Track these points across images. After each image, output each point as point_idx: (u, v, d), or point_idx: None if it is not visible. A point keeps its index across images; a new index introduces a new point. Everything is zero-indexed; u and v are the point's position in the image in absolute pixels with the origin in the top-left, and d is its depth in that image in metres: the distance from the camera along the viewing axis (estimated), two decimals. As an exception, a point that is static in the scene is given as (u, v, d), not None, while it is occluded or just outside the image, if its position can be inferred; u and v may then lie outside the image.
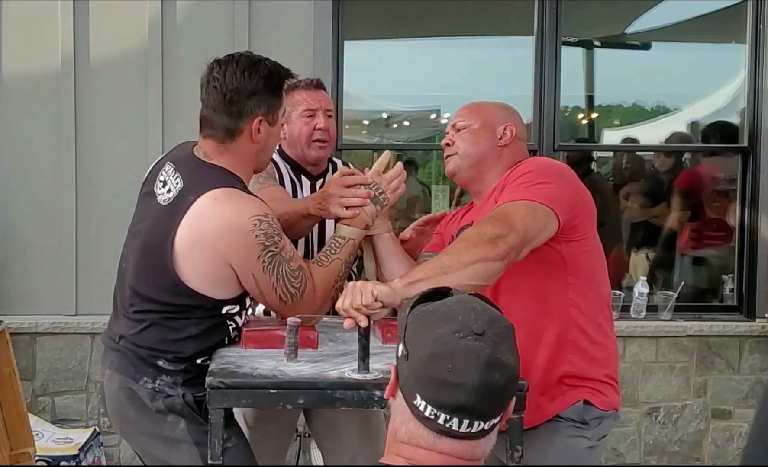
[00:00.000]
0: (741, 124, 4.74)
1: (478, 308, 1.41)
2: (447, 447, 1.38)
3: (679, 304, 4.52)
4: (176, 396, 2.20)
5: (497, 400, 1.38)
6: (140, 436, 2.27)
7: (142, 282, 2.23)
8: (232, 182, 2.18)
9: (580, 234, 2.21)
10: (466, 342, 1.36)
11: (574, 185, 2.25)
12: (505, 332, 1.41)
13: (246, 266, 2.14)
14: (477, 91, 5.06)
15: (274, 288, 2.17)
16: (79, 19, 4.16)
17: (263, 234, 2.12)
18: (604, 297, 2.33)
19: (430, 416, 1.36)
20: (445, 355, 1.35)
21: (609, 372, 2.30)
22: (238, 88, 2.20)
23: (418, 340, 1.40)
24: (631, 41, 5.27)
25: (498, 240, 1.98)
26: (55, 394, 4.26)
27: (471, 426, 1.36)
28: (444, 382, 1.35)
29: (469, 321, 1.38)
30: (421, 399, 1.37)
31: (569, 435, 2.21)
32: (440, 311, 1.42)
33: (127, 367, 2.24)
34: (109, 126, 4.21)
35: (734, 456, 4.53)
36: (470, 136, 2.36)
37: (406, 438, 1.41)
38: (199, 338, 2.21)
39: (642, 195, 5.44)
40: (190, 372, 2.21)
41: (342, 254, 2.31)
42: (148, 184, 2.33)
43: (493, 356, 1.35)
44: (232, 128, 2.22)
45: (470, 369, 1.34)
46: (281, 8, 4.24)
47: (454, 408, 1.35)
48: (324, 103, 2.75)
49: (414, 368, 1.38)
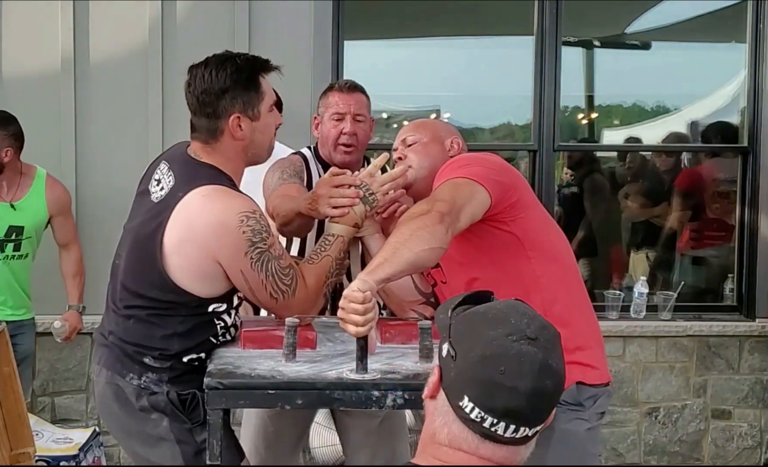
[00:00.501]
0: (741, 124, 4.74)
1: (530, 313, 1.40)
2: (489, 452, 1.35)
3: (679, 304, 4.52)
4: (161, 393, 2.21)
5: (546, 407, 1.36)
6: (123, 432, 2.29)
7: (131, 278, 2.25)
8: (221, 180, 2.19)
9: (523, 209, 2.27)
10: (519, 346, 1.33)
11: (499, 164, 2.32)
12: (554, 339, 1.39)
13: (234, 262, 2.15)
14: (477, 91, 5.08)
15: (264, 285, 2.17)
16: (79, 19, 4.17)
17: (251, 231, 2.13)
18: (571, 267, 2.39)
19: (476, 418, 1.33)
20: (498, 357, 1.33)
21: (594, 337, 2.35)
22: (207, 88, 2.21)
23: (468, 341, 1.37)
24: (631, 41, 5.27)
25: (428, 211, 2.04)
26: (55, 394, 4.27)
27: (516, 431, 1.34)
28: (496, 385, 1.32)
29: (522, 326, 1.36)
30: (468, 400, 1.34)
31: (568, 420, 2.23)
32: (491, 313, 1.40)
33: (114, 363, 2.26)
34: (109, 126, 4.22)
35: (734, 456, 4.53)
36: (422, 148, 2.44)
37: (448, 440, 1.37)
38: (185, 336, 2.21)
39: (642, 195, 5.44)
40: (175, 369, 2.22)
41: (332, 251, 2.32)
42: (143, 182, 2.34)
43: (545, 362, 1.34)
44: (213, 129, 2.23)
45: (523, 373, 1.32)
46: (281, 8, 4.24)
47: (503, 412, 1.33)
48: (354, 107, 2.75)
49: (463, 369, 1.35)
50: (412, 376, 2.06)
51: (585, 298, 2.40)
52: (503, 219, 2.23)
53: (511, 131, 5.31)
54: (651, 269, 5.25)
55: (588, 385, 2.27)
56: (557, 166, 4.98)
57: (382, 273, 1.96)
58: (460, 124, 5.09)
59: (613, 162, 5.71)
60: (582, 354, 2.28)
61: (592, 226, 5.40)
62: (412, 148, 2.44)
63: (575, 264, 2.42)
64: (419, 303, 2.46)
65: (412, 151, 2.43)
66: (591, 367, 2.30)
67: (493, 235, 2.24)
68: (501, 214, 2.22)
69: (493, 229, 2.24)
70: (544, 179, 4.47)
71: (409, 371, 2.10)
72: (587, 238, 5.32)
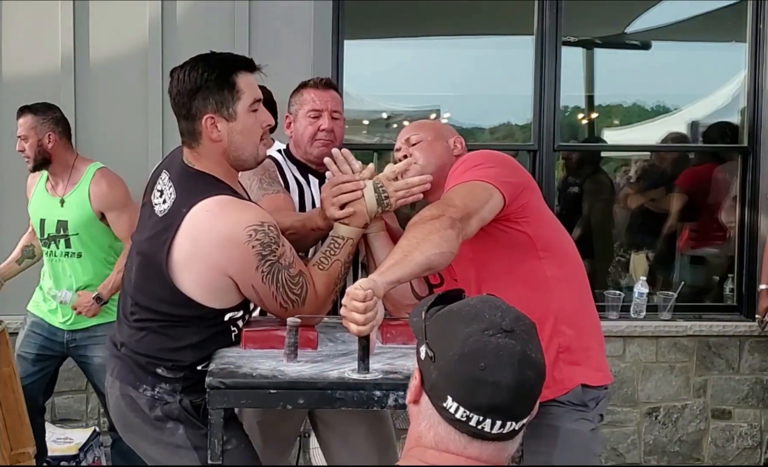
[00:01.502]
0: (741, 124, 4.74)
1: (503, 306, 1.38)
2: (476, 451, 1.34)
3: (679, 304, 4.52)
4: (174, 403, 2.20)
5: (529, 399, 1.35)
6: (142, 441, 2.27)
7: (141, 294, 2.23)
8: (221, 189, 2.15)
9: (534, 209, 2.28)
10: (496, 339, 1.32)
11: (511, 165, 2.33)
12: (530, 329, 1.38)
13: (245, 277, 2.13)
14: (477, 91, 5.08)
15: (275, 297, 2.16)
16: (79, 19, 4.17)
17: (260, 245, 2.10)
18: (579, 269, 2.40)
19: (461, 418, 1.32)
20: (477, 354, 1.31)
21: (598, 340, 2.37)
22: (180, 90, 2.17)
23: (445, 341, 1.35)
24: (631, 41, 5.26)
25: (440, 216, 2.04)
26: (55, 394, 4.25)
27: (503, 426, 1.32)
28: (478, 381, 1.30)
29: (497, 319, 1.34)
30: (452, 400, 1.32)
31: (574, 420, 2.25)
32: (465, 310, 1.38)
33: (127, 375, 2.24)
34: (109, 126, 4.21)
35: (734, 456, 4.53)
36: (428, 146, 2.43)
37: (434, 442, 1.35)
38: (200, 346, 2.20)
39: (642, 195, 5.43)
40: (189, 379, 2.20)
41: (341, 255, 2.30)
42: (147, 193, 2.32)
43: (524, 353, 1.32)
44: (191, 131, 2.19)
45: (504, 367, 1.30)
46: (281, 8, 4.24)
47: (488, 408, 1.31)
48: (331, 104, 2.72)
49: (443, 369, 1.33)
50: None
51: (590, 301, 2.41)
52: (516, 219, 2.24)
53: (511, 131, 5.30)
54: (651, 269, 5.25)
55: (592, 387, 2.29)
56: (557, 166, 4.98)
57: (392, 275, 1.96)
58: (460, 124, 5.09)
59: (613, 162, 5.71)
60: (587, 356, 2.29)
61: (592, 225, 5.39)
62: (417, 146, 2.43)
63: (582, 266, 2.43)
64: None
65: (418, 149, 2.43)
66: (595, 370, 2.31)
67: (505, 234, 2.25)
68: (513, 214, 2.22)
69: (506, 229, 2.24)
70: (544, 179, 4.47)
71: (411, 371, 2.08)
72: (587, 238, 5.32)
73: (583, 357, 2.28)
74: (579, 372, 2.27)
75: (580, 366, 2.27)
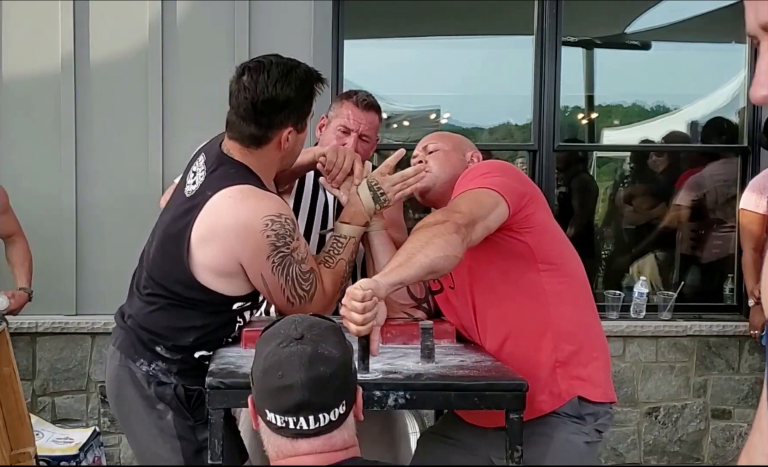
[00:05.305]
0: (741, 124, 4.74)
1: (299, 319, 1.57)
2: (306, 448, 1.50)
3: (678, 304, 4.52)
4: (168, 385, 2.23)
5: (330, 390, 1.50)
6: (131, 415, 2.30)
7: (157, 270, 2.27)
8: (250, 179, 2.18)
9: (538, 221, 2.28)
10: (289, 349, 1.50)
11: (518, 175, 2.37)
12: (326, 331, 1.55)
13: (255, 265, 2.16)
14: (477, 91, 5.08)
15: (282, 290, 2.18)
16: (79, 19, 4.16)
17: (275, 235, 2.13)
18: (581, 282, 2.38)
19: (282, 425, 1.50)
20: (275, 366, 1.50)
21: (601, 355, 2.35)
22: (269, 99, 2.15)
23: (256, 364, 1.56)
24: (631, 41, 5.27)
25: (445, 221, 2.06)
26: (55, 394, 4.26)
27: (317, 420, 1.49)
28: (279, 389, 1.48)
29: (290, 331, 1.53)
30: (270, 412, 1.50)
31: (569, 431, 2.25)
32: (267, 333, 1.58)
33: (128, 347, 2.28)
34: (109, 126, 4.21)
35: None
36: (444, 155, 2.45)
37: (275, 453, 1.53)
38: (203, 330, 2.23)
39: (644, 196, 5.43)
40: (185, 363, 2.24)
41: (345, 254, 2.32)
42: (185, 171, 2.36)
43: (315, 352, 1.50)
44: (260, 137, 2.19)
45: (295, 369, 1.48)
46: (281, 8, 4.23)
47: (295, 408, 1.48)
48: (364, 127, 2.67)
49: (257, 388, 1.54)
50: (414, 376, 2.06)
51: (593, 315, 2.39)
52: (518, 229, 2.24)
53: (510, 131, 5.31)
54: (651, 269, 5.24)
55: (591, 402, 2.28)
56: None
57: (396, 276, 1.97)
58: (460, 124, 5.10)
59: (613, 162, 5.71)
60: (585, 370, 2.28)
61: (591, 224, 5.40)
62: (434, 154, 2.45)
63: (585, 279, 2.41)
64: (411, 307, 2.48)
65: (433, 157, 2.44)
66: (594, 384, 2.29)
67: (506, 243, 2.25)
68: (516, 224, 2.23)
69: (507, 238, 2.24)
70: (544, 179, 4.47)
71: (411, 371, 2.10)
72: (586, 238, 5.32)
73: (582, 372, 2.27)
74: (577, 386, 2.27)
75: (579, 380, 2.27)
